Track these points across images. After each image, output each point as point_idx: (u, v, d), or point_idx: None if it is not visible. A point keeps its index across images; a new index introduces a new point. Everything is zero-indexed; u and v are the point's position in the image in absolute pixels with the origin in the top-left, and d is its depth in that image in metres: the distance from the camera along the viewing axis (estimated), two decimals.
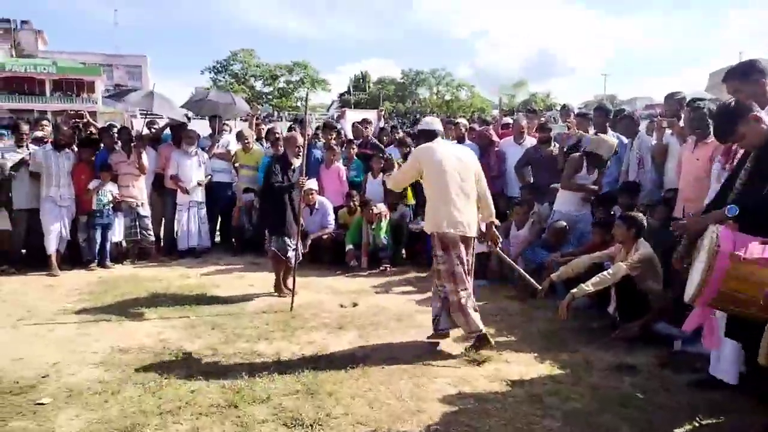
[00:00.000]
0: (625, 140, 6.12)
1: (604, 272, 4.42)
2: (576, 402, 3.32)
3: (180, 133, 7.76)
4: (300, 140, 5.69)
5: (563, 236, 5.86)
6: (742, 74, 3.42)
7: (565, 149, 6.74)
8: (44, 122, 7.95)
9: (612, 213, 5.65)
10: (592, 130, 6.60)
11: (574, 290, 4.37)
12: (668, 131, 5.63)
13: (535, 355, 4.06)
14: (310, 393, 3.39)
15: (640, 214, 4.76)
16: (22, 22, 50.05)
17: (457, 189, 4.14)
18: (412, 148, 7.74)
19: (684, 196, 4.95)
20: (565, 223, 5.92)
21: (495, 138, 7.39)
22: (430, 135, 4.41)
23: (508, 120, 8.99)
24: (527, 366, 3.86)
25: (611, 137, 5.98)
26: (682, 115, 5.41)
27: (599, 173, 5.95)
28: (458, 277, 4.11)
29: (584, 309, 4.95)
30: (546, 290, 4.71)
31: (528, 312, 5.11)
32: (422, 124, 4.66)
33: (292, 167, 5.68)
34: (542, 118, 8.37)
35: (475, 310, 4.14)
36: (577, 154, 5.98)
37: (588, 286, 4.34)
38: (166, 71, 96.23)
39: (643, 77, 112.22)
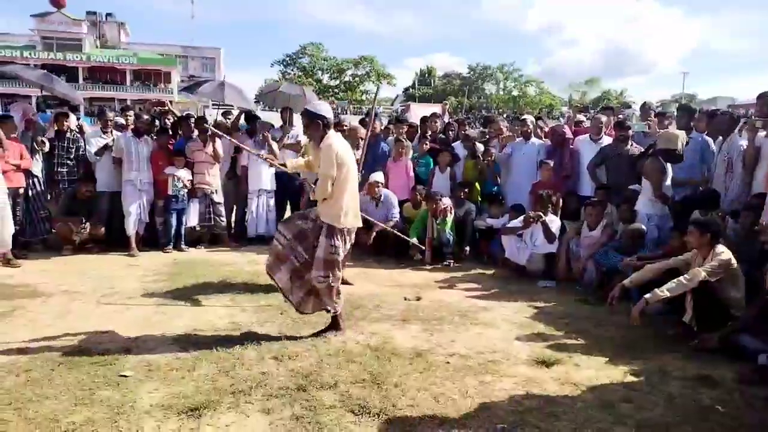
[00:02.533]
0: (712, 143, 5.79)
1: (681, 277, 4.22)
2: (650, 411, 3.20)
3: (255, 124, 7.99)
4: (362, 132, 5.65)
5: (640, 240, 5.63)
6: None
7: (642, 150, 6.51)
8: (129, 112, 8.34)
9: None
10: (672, 129, 6.29)
11: (648, 295, 4.20)
12: (761, 133, 5.29)
13: (606, 360, 3.93)
14: (377, 383, 3.42)
15: (715, 219, 4.53)
16: (107, 14, 52.86)
17: (356, 181, 4.27)
18: (477, 144, 7.71)
19: None
20: (643, 227, 5.69)
21: (569, 135, 7.18)
22: (327, 124, 4.11)
23: (581, 117, 8.71)
24: (598, 371, 3.74)
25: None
26: None
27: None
28: (341, 266, 4.26)
29: (658, 315, 4.74)
30: (617, 297, 4.55)
31: (598, 315, 4.94)
32: (317, 108, 4.15)
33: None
34: (620, 116, 8.04)
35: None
36: (652, 158, 5.68)
37: (663, 292, 4.16)
38: (238, 63, 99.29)
39: (726, 77, 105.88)
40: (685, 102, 10.71)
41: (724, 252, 4.30)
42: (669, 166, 5.64)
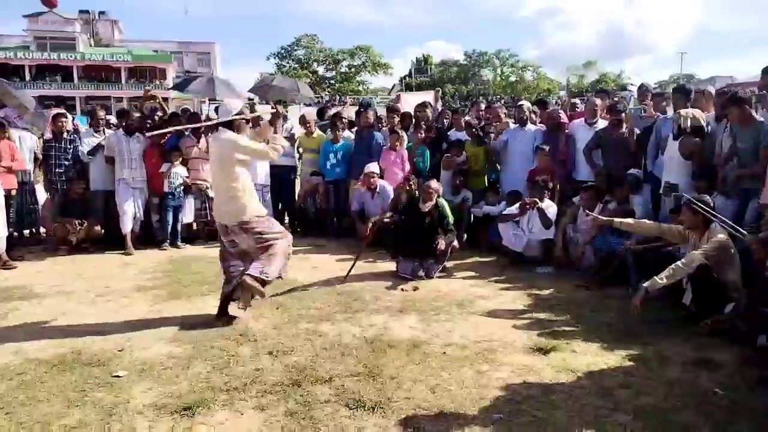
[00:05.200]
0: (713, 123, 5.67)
1: (678, 262, 4.18)
2: (649, 397, 3.16)
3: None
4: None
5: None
6: None
7: (638, 132, 6.45)
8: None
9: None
10: (670, 111, 6.21)
11: (647, 283, 4.16)
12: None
13: (605, 345, 3.89)
14: (372, 375, 3.39)
15: (707, 198, 4.48)
16: (100, 12, 52.66)
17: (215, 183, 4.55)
18: (479, 131, 7.63)
19: None
20: (632, 207, 5.67)
21: (564, 120, 7.10)
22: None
23: (576, 101, 8.63)
24: (596, 357, 3.71)
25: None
26: None
27: None
28: (225, 256, 4.53)
29: (657, 299, 4.69)
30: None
31: (597, 301, 4.91)
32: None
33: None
34: (615, 98, 7.96)
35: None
36: (687, 137, 5.46)
37: (662, 279, 4.12)
38: (234, 58, 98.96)
39: (725, 56, 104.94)
40: (683, 82, 10.61)
41: (720, 233, 4.26)
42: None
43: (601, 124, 6.76)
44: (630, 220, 4.80)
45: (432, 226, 5.96)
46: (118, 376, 3.41)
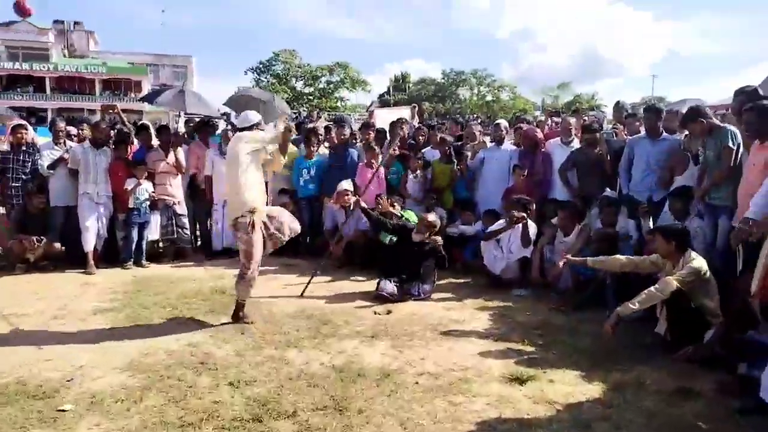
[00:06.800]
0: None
1: (651, 288, 4.07)
2: (628, 429, 3.03)
3: (206, 132, 7.60)
4: None
5: (612, 244, 5.49)
6: None
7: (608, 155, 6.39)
8: (83, 125, 7.91)
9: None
10: (643, 131, 6.19)
11: (619, 308, 4.06)
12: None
13: (583, 374, 3.75)
14: (339, 409, 3.19)
15: (678, 224, 4.45)
16: (75, 23, 51.73)
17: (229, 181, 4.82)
18: (451, 149, 7.52)
19: (740, 203, 4.51)
20: (614, 230, 5.59)
21: (540, 137, 7.02)
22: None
23: (556, 120, 8.60)
24: (574, 386, 3.56)
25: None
26: None
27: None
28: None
29: (634, 322, 4.58)
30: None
31: (573, 325, 4.78)
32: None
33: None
34: (585, 118, 7.94)
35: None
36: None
37: (634, 304, 4.02)
38: (211, 71, 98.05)
39: (696, 80, 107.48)
40: (657, 103, 10.71)
41: (695, 259, 4.17)
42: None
43: (577, 143, 6.71)
44: (602, 258, 4.69)
45: (422, 254, 5.86)
46: (63, 410, 3.15)
